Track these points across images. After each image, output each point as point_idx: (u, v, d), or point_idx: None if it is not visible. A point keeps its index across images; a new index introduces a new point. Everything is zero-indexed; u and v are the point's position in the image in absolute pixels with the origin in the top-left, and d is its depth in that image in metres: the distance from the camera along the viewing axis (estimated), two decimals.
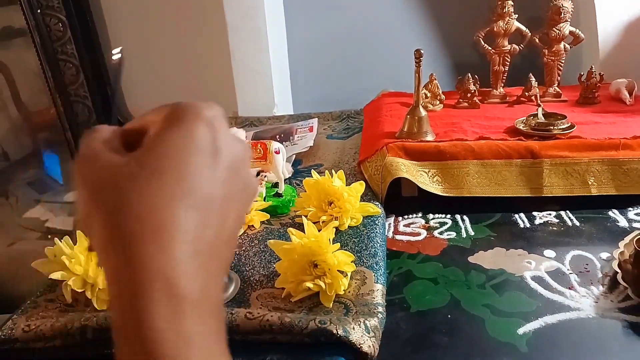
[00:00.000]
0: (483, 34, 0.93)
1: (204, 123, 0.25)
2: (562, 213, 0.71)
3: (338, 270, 0.53)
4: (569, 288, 0.55)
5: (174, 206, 0.23)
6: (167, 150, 0.24)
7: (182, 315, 0.22)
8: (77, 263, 0.53)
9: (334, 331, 0.45)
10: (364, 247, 0.61)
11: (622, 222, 0.67)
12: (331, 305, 0.51)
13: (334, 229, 0.58)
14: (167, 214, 0.23)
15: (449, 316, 0.52)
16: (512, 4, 0.90)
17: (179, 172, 0.24)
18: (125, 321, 0.22)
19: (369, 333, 0.46)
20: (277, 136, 0.98)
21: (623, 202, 0.71)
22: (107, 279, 0.23)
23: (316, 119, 1.05)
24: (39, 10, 1.19)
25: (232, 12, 1.12)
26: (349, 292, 0.53)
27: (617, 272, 0.55)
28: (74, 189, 0.26)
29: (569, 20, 0.91)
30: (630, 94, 0.88)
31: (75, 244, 0.55)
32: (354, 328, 0.46)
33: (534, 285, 0.56)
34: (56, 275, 0.53)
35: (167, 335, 0.21)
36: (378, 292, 0.53)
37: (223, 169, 0.25)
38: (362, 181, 0.68)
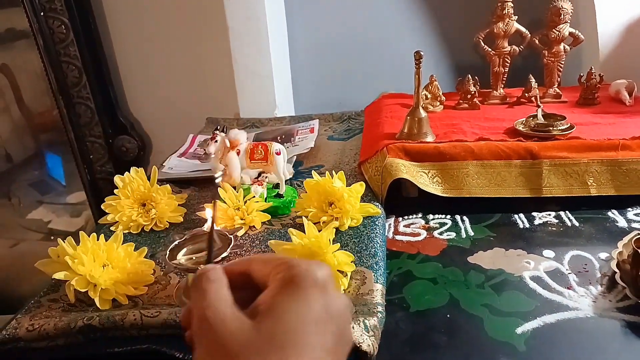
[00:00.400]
0: (483, 36, 0.93)
1: (319, 290, 0.27)
2: (562, 213, 0.71)
3: (338, 270, 0.53)
4: (568, 288, 0.55)
5: None
6: (288, 323, 0.26)
7: None
8: (80, 263, 0.54)
9: None
10: (364, 248, 0.61)
11: (621, 223, 0.68)
12: None
13: (334, 230, 0.58)
14: None
15: (448, 316, 0.53)
16: (512, 5, 0.91)
17: (300, 346, 0.25)
18: None
19: (368, 332, 0.47)
20: (279, 137, 0.99)
21: (622, 203, 0.71)
22: None
23: (317, 120, 1.06)
24: (42, 13, 1.20)
25: (234, 15, 1.13)
26: (349, 291, 0.54)
27: (616, 272, 0.55)
28: (193, 347, 0.27)
29: (569, 21, 0.91)
30: (630, 94, 0.88)
31: (78, 244, 0.56)
32: (353, 327, 0.46)
33: (532, 285, 0.56)
34: (59, 276, 0.53)
35: None
36: (378, 292, 0.53)
37: (332, 334, 0.27)
38: (362, 182, 0.69)
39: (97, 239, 0.57)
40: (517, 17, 0.92)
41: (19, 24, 1.24)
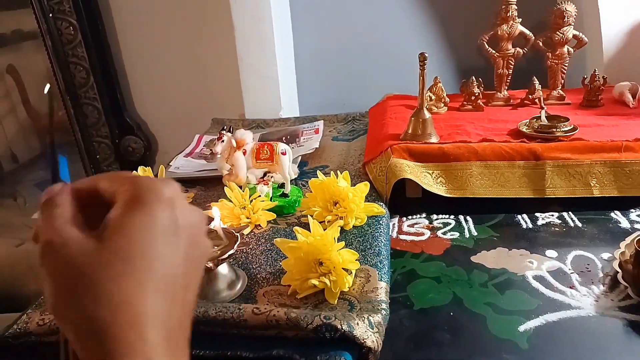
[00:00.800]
0: (487, 38, 0.94)
1: (165, 204, 0.27)
2: (565, 214, 0.72)
3: (343, 268, 0.54)
4: (570, 287, 0.56)
5: (145, 294, 0.25)
6: (135, 235, 0.26)
7: None
8: None
9: (339, 326, 0.46)
10: (368, 246, 0.62)
11: (624, 223, 0.68)
12: (336, 302, 0.52)
13: (339, 228, 0.59)
14: (141, 303, 0.24)
15: (451, 314, 0.53)
16: (516, 8, 0.92)
17: (148, 258, 0.25)
18: None
19: (372, 329, 0.47)
20: (284, 138, 1.00)
21: (625, 204, 0.72)
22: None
23: (322, 121, 1.07)
24: (50, 15, 1.21)
25: (240, 17, 1.14)
26: (354, 289, 0.54)
27: (618, 272, 0.56)
28: (41, 279, 0.26)
29: (573, 23, 0.92)
30: (634, 96, 0.89)
31: None
32: (358, 324, 0.47)
33: (535, 284, 0.57)
34: None
35: None
36: (382, 290, 0.54)
37: (184, 247, 0.27)
38: (366, 182, 0.69)
39: None
40: (521, 19, 0.93)
41: (26, 25, 1.26)
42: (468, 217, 0.73)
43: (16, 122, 1.62)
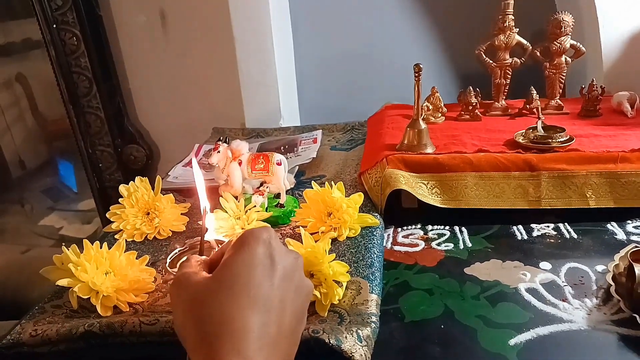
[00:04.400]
0: (484, 48, 0.94)
1: (262, 244, 0.35)
2: (561, 225, 0.71)
3: (334, 280, 0.54)
4: (563, 300, 0.56)
5: (244, 314, 0.31)
6: (236, 269, 0.33)
7: None
8: (84, 270, 0.55)
9: (327, 340, 0.46)
10: (361, 258, 0.62)
11: (620, 235, 0.68)
12: (326, 314, 0.52)
13: (330, 240, 0.59)
14: (239, 320, 0.31)
15: (442, 327, 0.53)
16: (513, 18, 0.92)
17: (246, 285, 0.32)
18: None
19: (361, 342, 0.47)
20: (282, 147, 1.00)
21: (622, 215, 0.71)
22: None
23: (320, 130, 1.07)
24: (54, 25, 1.23)
25: (240, 27, 1.15)
26: (344, 301, 0.54)
27: (611, 285, 0.55)
28: (171, 307, 0.36)
29: (570, 33, 0.92)
30: (632, 106, 0.89)
31: (82, 252, 0.57)
32: (346, 337, 0.47)
33: (528, 297, 0.57)
34: (63, 282, 0.55)
35: None
36: (372, 302, 0.54)
37: (278, 278, 0.34)
38: (360, 192, 0.69)
39: (101, 247, 0.59)
40: (518, 29, 0.93)
41: (34, 34, 1.28)
42: (463, 228, 0.73)
43: (24, 129, 1.64)
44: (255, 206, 0.72)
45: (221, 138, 0.76)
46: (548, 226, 0.71)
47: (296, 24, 1.30)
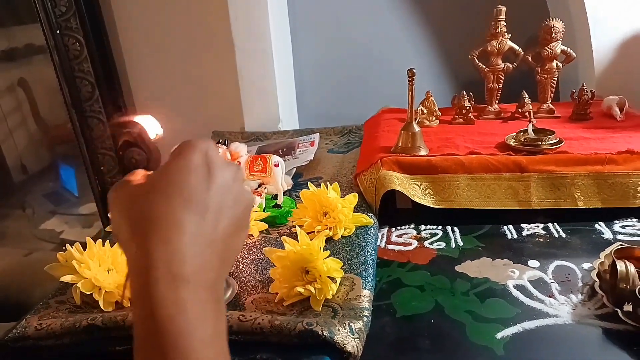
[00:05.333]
0: (477, 53, 0.97)
1: (199, 153, 0.34)
2: (550, 225, 0.73)
3: (328, 277, 0.56)
4: (549, 296, 0.58)
5: (176, 211, 0.31)
6: (171, 172, 0.33)
7: (177, 288, 0.29)
8: (86, 267, 0.57)
9: (320, 332, 0.48)
10: (355, 255, 0.64)
11: (607, 234, 0.70)
12: (320, 309, 0.54)
13: (324, 238, 0.61)
14: (171, 216, 0.31)
15: (432, 321, 0.55)
16: (505, 24, 0.94)
17: (180, 188, 0.33)
18: (136, 292, 0.30)
19: (353, 335, 0.49)
20: (280, 150, 1.02)
21: (610, 215, 0.73)
22: (128, 266, 0.32)
23: (318, 134, 1.09)
24: (58, 31, 1.25)
25: (239, 34, 1.18)
26: (338, 296, 0.56)
27: (596, 281, 0.57)
28: (109, 210, 0.35)
29: (561, 39, 0.94)
30: (621, 110, 0.91)
31: (85, 250, 0.60)
32: (339, 330, 0.49)
33: (515, 293, 0.59)
34: (66, 279, 0.57)
35: (165, 301, 0.28)
36: (365, 298, 0.56)
37: (215, 185, 0.34)
38: (355, 193, 0.72)
39: (103, 245, 0.61)
40: (510, 35, 0.95)
41: (38, 39, 1.30)
42: (455, 228, 0.75)
43: (27, 134, 1.67)
44: (253, 206, 0.74)
45: (220, 140, 0.78)
46: (538, 226, 0.73)
47: (295, 30, 1.33)
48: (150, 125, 0.53)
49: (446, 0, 1.29)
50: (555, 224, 0.73)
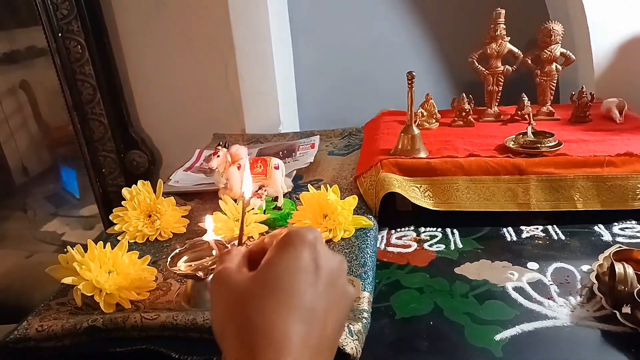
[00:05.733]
0: (477, 56, 0.97)
1: (307, 246, 0.33)
2: (549, 227, 0.74)
3: None
4: (548, 298, 0.58)
5: (285, 322, 0.30)
6: (280, 272, 0.32)
7: None
8: (87, 269, 0.58)
9: None
10: (354, 257, 0.64)
11: (606, 237, 0.70)
12: None
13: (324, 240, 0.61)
14: (280, 329, 0.30)
15: (431, 323, 0.55)
16: (505, 27, 0.94)
17: (290, 290, 0.31)
18: None
19: (352, 336, 0.50)
20: (280, 152, 1.03)
21: (609, 217, 0.74)
22: None
23: (318, 136, 1.10)
24: (60, 34, 1.26)
25: (240, 36, 1.19)
26: None
27: (595, 284, 0.57)
28: (210, 305, 0.33)
29: (560, 42, 0.94)
30: (621, 112, 0.91)
31: (86, 252, 0.60)
32: None
33: (514, 295, 0.59)
34: (67, 280, 0.57)
35: None
36: (364, 299, 0.56)
37: (322, 283, 0.32)
38: (355, 195, 0.72)
39: (104, 247, 0.61)
40: (509, 37, 0.95)
41: (39, 42, 1.31)
42: (455, 230, 0.75)
43: (28, 136, 1.67)
44: (253, 208, 0.74)
45: (221, 143, 0.79)
46: (537, 228, 0.74)
47: (295, 33, 1.33)
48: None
49: (445, 3, 1.29)
50: (555, 226, 0.74)
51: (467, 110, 0.96)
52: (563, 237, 0.71)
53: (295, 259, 0.32)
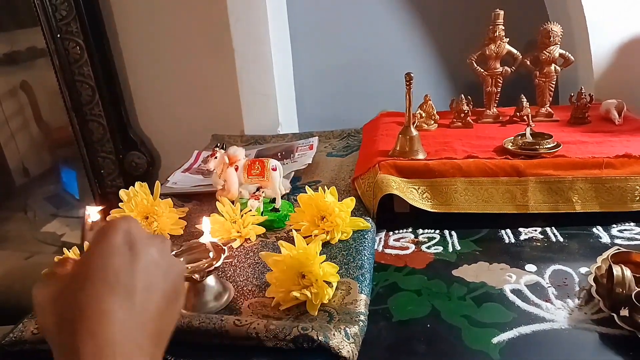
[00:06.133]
0: (475, 57, 0.97)
1: (120, 233, 0.34)
2: (548, 229, 0.73)
3: (324, 281, 0.56)
4: (546, 301, 0.57)
5: (102, 299, 0.31)
6: (94, 257, 0.33)
7: None
8: None
9: (315, 337, 0.48)
10: (352, 260, 0.64)
11: (605, 239, 0.70)
12: (316, 313, 0.54)
13: (321, 242, 0.61)
14: (94, 305, 0.30)
15: (429, 326, 0.55)
16: (503, 28, 0.94)
17: (104, 273, 0.32)
18: None
19: (348, 339, 0.49)
20: (279, 154, 1.02)
21: (608, 219, 0.73)
22: (56, 355, 0.31)
23: (316, 137, 1.09)
24: (58, 35, 1.26)
25: (239, 38, 1.19)
26: (334, 301, 0.56)
27: (592, 286, 0.57)
28: (34, 304, 0.34)
29: (559, 43, 0.94)
30: (620, 114, 0.91)
31: (82, 253, 0.60)
32: (334, 334, 0.49)
33: (512, 297, 0.59)
34: None
35: None
36: (361, 302, 0.56)
37: (141, 265, 0.33)
38: (352, 197, 0.72)
39: None
40: (508, 39, 0.95)
41: (40, 43, 1.31)
42: (453, 232, 0.75)
43: (29, 137, 1.67)
44: (250, 210, 0.74)
45: (218, 144, 0.78)
46: (535, 230, 0.73)
47: (294, 35, 1.33)
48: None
49: (444, 4, 1.29)
50: (553, 228, 0.73)
51: (466, 111, 0.95)
52: (561, 239, 0.71)
53: (107, 245, 0.33)
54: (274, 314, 0.56)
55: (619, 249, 0.61)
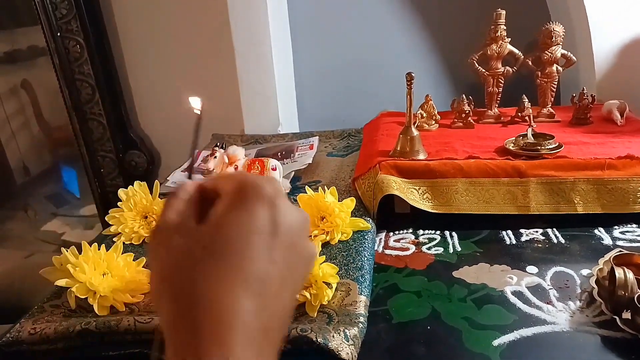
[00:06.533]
0: (477, 57, 0.96)
1: (265, 203, 0.27)
2: (549, 231, 0.73)
3: (323, 282, 0.56)
4: (547, 303, 0.57)
5: (233, 295, 0.25)
6: (230, 233, 0.26)
7: None
8: (82, 271, 0.57)
9: (314, 339, 0.48)
10: (352, 260, 0.63)
11: (607, 240, 0.69)
12: (315, 314, 0.54)
13: (321, 243, 0.61)
14: (227, 305, 0.25)
15: (429, 328, 0.55)
16: (505, 28, 0.94)
17: (241, 258, 0.26)
18: None
19: (348, 341, 0.49)
20: (279, 153, 1.02)
21: (609, 221, 0.73)
22: (171, 354, 0.26)
23: (317, 137, 1.09)
24: (59, 34, 1.26)
25: (239, 38, 1.18)
26: (333, 302, 0.56)
27: (594, 288, 0.57)
28: (148, 265, 0.28)
29: (561, 43, 0.93)
30: (622, 114, 0.90)
31: (80, 253, 0.59)
32: (333, 336, 0.49)
33: (513, 299, 0.58)
34: (61, 282, 0.57)
35: None
36: (361, 303, 0.56)
37: (280, 247, 0.27)
38: (352, 197, 0.71)
39: (99, 249, 0.60)
40: (510, 39, 0.95)
41: (40, 41, 1.30)
42: (453, 233, 0.74)
43: (29, 136, 1.67)
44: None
45: (218, 144, 0.78)
46: (537, 231, 0.73)
47: (295, 35, 1.33)
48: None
49: (446, 4, 1.29)
50: (554, 229, 0.73)
51: (467, 111, 0.95)
52: (563, 241, 0.70)
53: (250, 217, 0.27)
54: None
55: (621, 251, 0.60)
